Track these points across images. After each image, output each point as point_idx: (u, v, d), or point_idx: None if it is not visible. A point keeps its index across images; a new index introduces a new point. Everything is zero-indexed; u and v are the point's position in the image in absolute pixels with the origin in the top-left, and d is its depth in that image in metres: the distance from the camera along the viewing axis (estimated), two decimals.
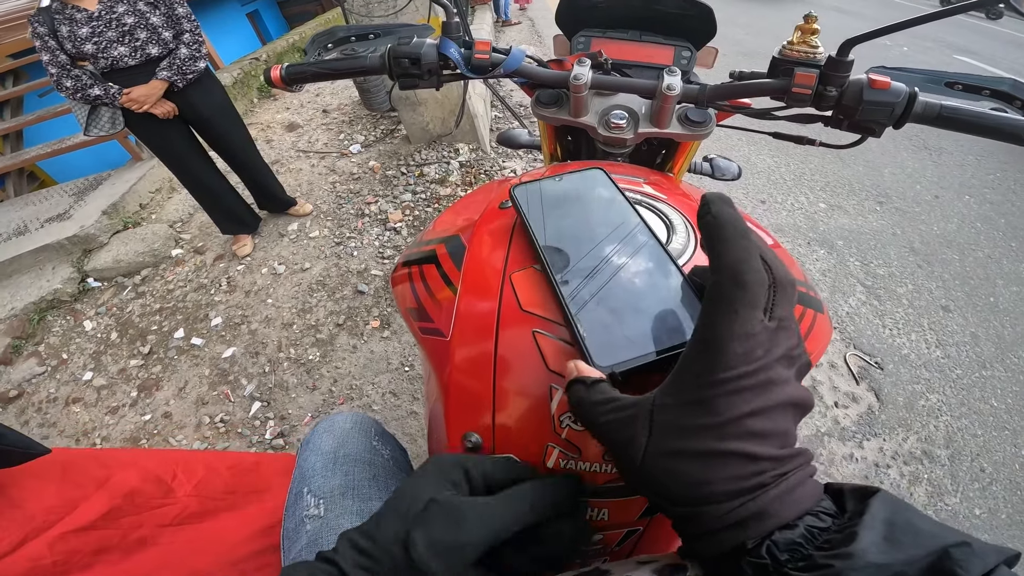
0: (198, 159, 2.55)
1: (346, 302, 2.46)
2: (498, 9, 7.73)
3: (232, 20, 7.15)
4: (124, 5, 2.13)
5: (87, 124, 2.29)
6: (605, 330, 0.38)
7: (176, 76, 2.25)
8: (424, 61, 0.74)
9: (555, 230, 0.44)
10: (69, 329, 2.63)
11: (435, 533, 0.31)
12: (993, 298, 2.45)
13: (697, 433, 0.27)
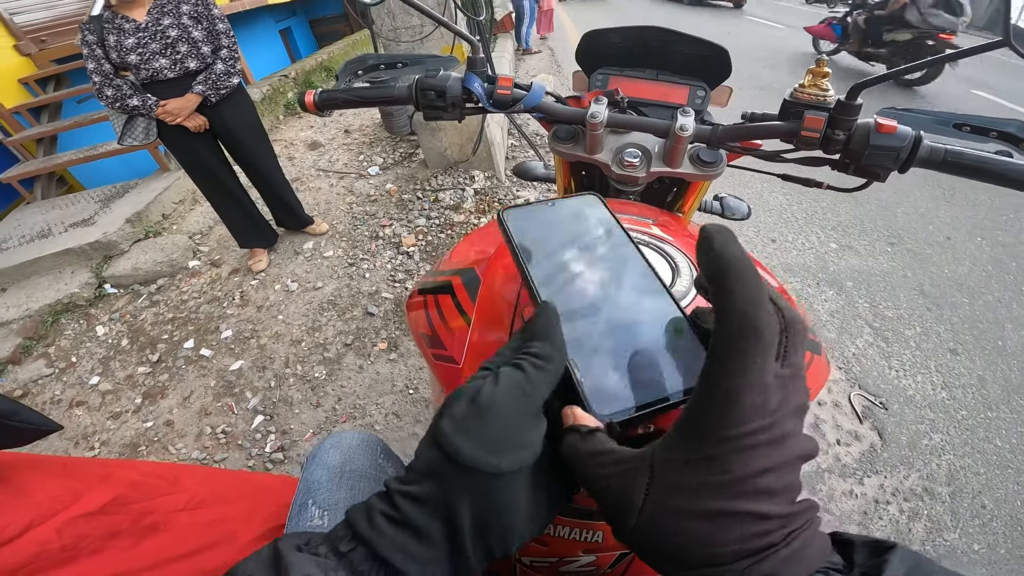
0: (223, 173, 2.62)
1: (355, 323, 2.48)
2: (519, 38, 7.93)
3: (265, 35, 7.35)
4: (170, 18, 2.21)
5: (122, 133, 2.36)
6: (603, 374, 0.35)
7: (210, 91, 2.32)
8: (449, 94, 0.77)
9: (547, 259, 0.41)
10: (81, 333, 2.67)
11: (458, 411, 0.30)
12: (1001, 341, 2.43)
13: (704, 492, 0.25)
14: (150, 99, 2.23)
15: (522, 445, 0.29)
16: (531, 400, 0.30)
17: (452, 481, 0.29)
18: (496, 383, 0.30)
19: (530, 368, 0.31)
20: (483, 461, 0.28)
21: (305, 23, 8.86)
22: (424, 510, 0.28)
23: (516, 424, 0.29)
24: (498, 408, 0.29)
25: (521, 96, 0.78)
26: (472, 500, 0.28)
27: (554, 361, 0.32)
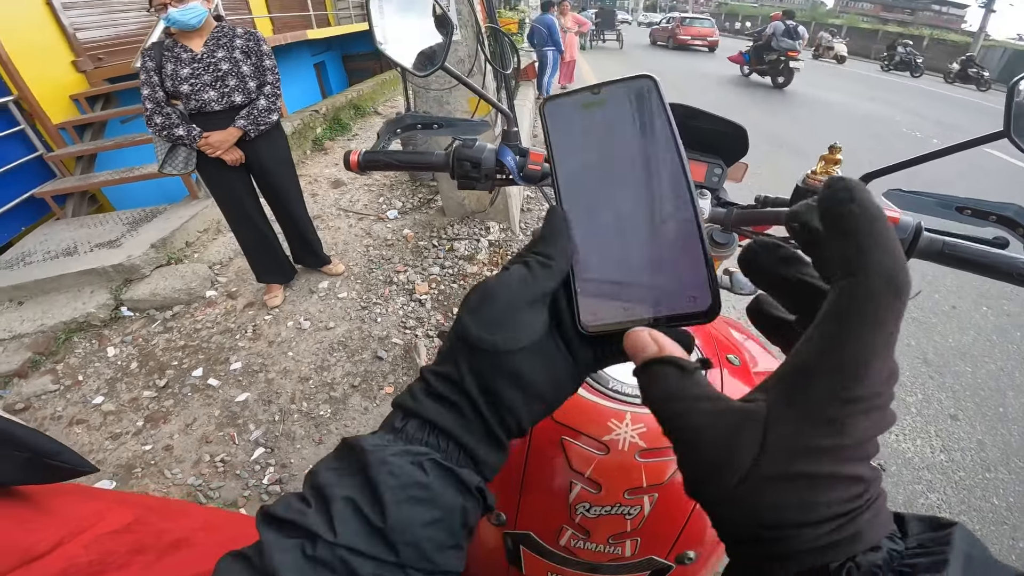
0: (252, 207, 2.71)
1: (364, 365, 2.53)
2: (541, 86, 8.25)
3: (301, 69, 7.62)
4: (223, 51, 2.32)
5: (164, 161, 2.45)
6: (601, 286, 0.35)
7: (251, 126, 2.40)
8: (484, 166, 0.81)
9: (578, 156, 0.37)
10: (91, 352, 2.72)
11: (472, 299, 0.34)
12: (1003, 408, 2.46)
13: (821, 455, 0.23)
14: (195, 130, 2.32)
15: (519, 326, 0.32)
16: (531, 289, 0.33)
17: (462, 358, 0.33)
18: (504, 274, 0.34)
19: (534, 264, 0.34)
20: (484, 338, 0.32)
21: (338, 58, 9.19)
22: (448, 385, 0.33)
23: (515, 307, 0.33)
24: (500, 293, 0.33)
25: (549, 171, 0.84)
26: (478, 374, 0.32)
27: (556, 261, 0.34)
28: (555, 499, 0.70)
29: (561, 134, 0.38)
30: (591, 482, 0.69)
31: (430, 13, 0.76)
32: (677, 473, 0.69)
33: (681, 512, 0.69)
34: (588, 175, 0.37)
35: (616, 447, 0.69)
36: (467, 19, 2.95)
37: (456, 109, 3.25)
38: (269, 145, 2.57)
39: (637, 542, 0.69)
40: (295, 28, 7.05)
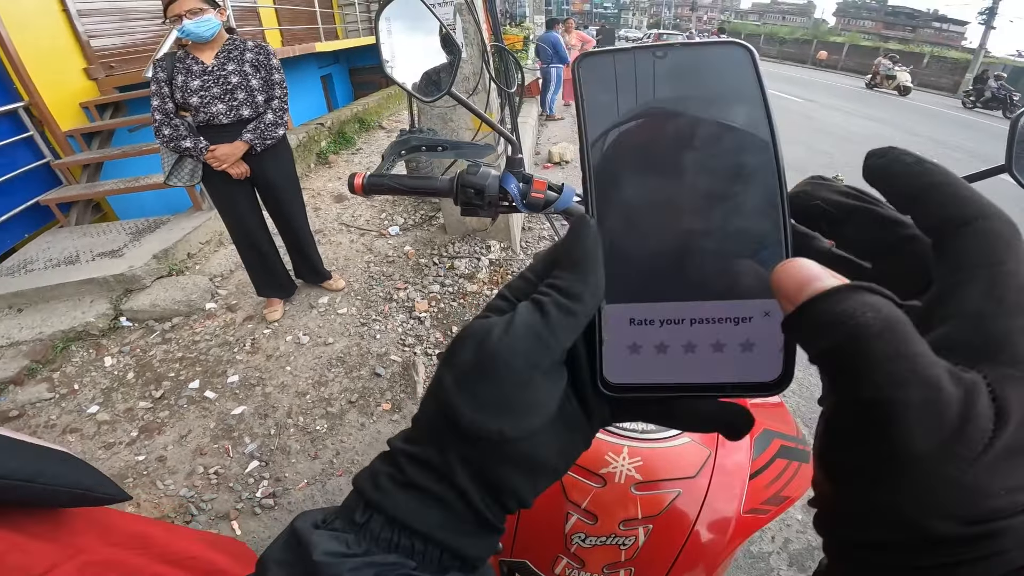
0: (255, 221, 2.71)
1: (362, 382, 2.53)
2: (544, 103, 8.31)
3: (308, 81, 7.68)
4: (234, 64, 2.32)
5: (169, 173, 2.46)
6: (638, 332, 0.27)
7: (257, 140, 2.39)
8: (487, 193, 0.80)
9: (624, 141, 0.27)
10: (89, 362, 2.73)
11: (460, 361, 0.25)
12: None
13: None
14: (202, 142, 2.33)
15: (533, 408, 0.25)
16: (549, 351, 0.25)
17: (451, 445, 0.25)
18: (509, 326, 0.25)
19: (553, 310, 0.25)
20: (484, 427, 0.24)
21: (345, 71, 9.27)
22: (429, 474, 0.25)
23: (527, 381, 0.24)
24: (507, 360, 0.24)
25: (553, 199, 0.81)
26: (474, 465, 0.25)
27: (584, 302, 0.25)
28: (551, 529, 0.72)
29: (601, 107, 0.27)
30: (587, 513, 0.71)
31: (437, 33, 0.76)
32: (673, 505, 0.71)
33: (675, 543, 0.70)
34: (634, 172, 0.27)
35: (613, 479, 0.71)
36: (473, 37, 2.98)
37: (460, 126, 3.28)
38: (275, 160, 2.57)
39: (631, 572, 0.70)
40: (304, 41, 7.15)
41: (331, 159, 5.73)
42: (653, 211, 0.26)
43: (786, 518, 1.91)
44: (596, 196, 0.27)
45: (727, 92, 0.26)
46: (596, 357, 0.27)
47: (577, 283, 0.25)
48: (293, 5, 7.46)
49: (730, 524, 0.74)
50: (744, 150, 0.25)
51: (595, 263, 0.26)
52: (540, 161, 6.21)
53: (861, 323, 0.18)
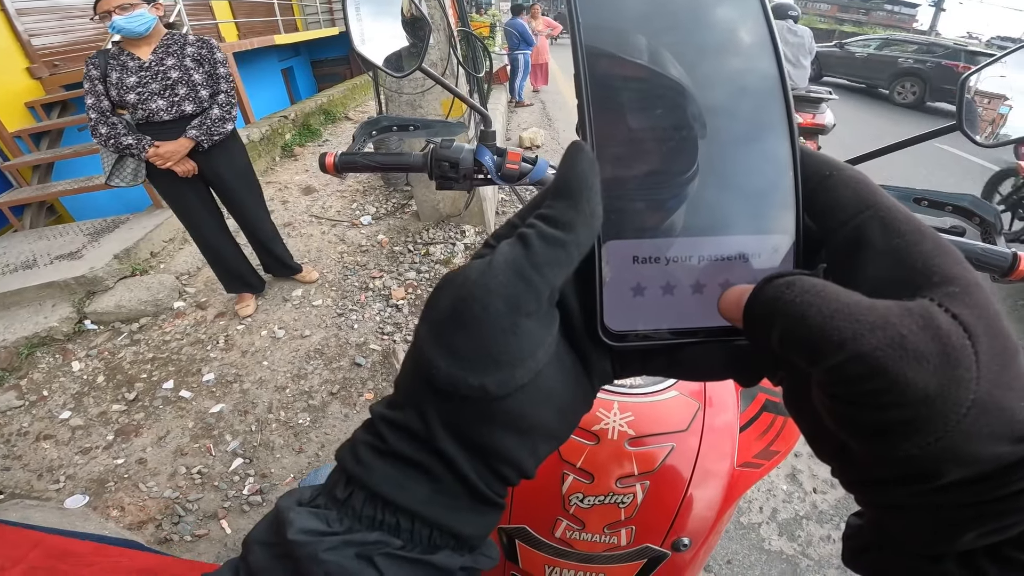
0: (210, 219, 2.61)
1: (342, 372, 2.49)
2: (512, 90, 8.32)
3: (269, 74, 7.51)
4: (173, 59, 2.22)
5: (111, 173, 2.34)
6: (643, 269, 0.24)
7: (203, 136, 2.29)
8: (462, 166, 0.80)
9: (623, 67, 0.25)
10: (56, 367, 2.63)
11: (437, 311, 0.22)
12: None
13: None
14: (144, 139, 2.21)
15: (520, 359, 0.21)
16: (534, 290, 0.21)
17: (431, 407, 0.22)
18: (488, 266, 0.21)
19: (537, 242, 0.21)
20: (464, 383, 0.21)
21: (307, 64, 9.07)
22: (411, 442, 0.23)
23: (511, 327, 0.21)
24: (485, 304, 0.21)
25: (527, 171, 0.81)
26: (458, 428, 0.22)
27: (576, 231, 0.22)
28: (548, 491, 0.71)
29: (599, 22, 0.25)
30: (583, 472, 0.70)
31: (406, 14, 0.76)
32: (668, 460, 0.71)
33: (673, 498, 0.70)
34: (636, 95, 0.24)
35: (606, 436, 0.71)
36: (439, 23, 2.95)
37: (429, 112, 3.24)
38: (225, 156, 2.47)
39: (632, 530, 0.70)
40: (262, 34, 6.94)
41: (297, 151, 5.60)
42: (656, 137, 0.24)
43: (772, 488, 1.96)
44: (593, 119, 0.24)
45: (733, 18, 0.25)
46: (594, 303, 0.24)
47: (567, 210, 0.22)
48: None
49: (725, 477, 0.74)
50: (752, 81, 0.24)
51: (589, 188, 0.22)
52: (512, 147, 6.18)
53: (787, 301, 0.19)
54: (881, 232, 0.20)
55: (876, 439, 0.18)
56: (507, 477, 0.24)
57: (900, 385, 0.17)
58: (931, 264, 0.19)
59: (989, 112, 0.66)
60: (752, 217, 0.24)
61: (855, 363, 0.17)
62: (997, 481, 0.18)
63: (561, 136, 6.60)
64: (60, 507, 1.91)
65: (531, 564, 0.74)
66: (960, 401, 0.17)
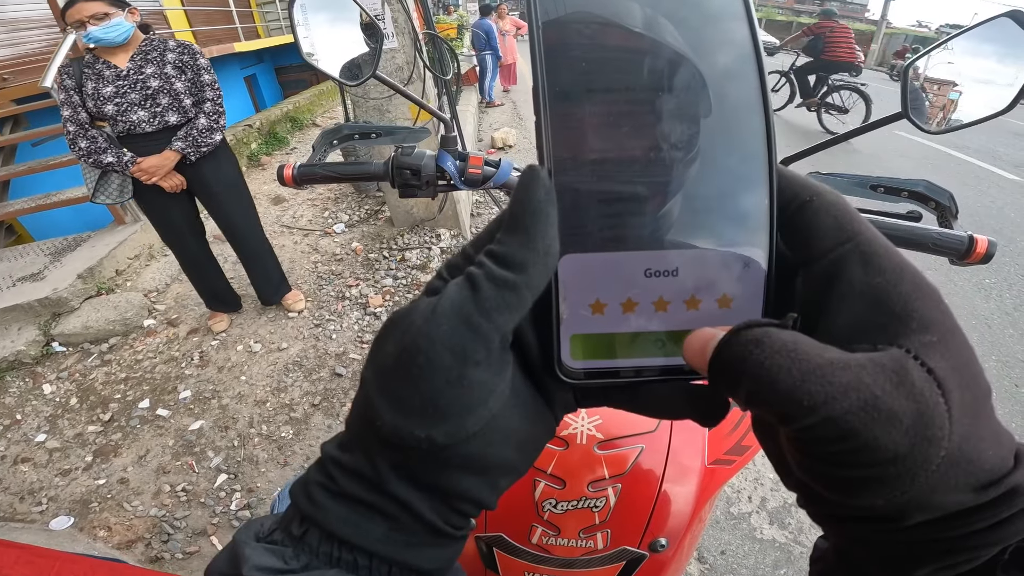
0: (192, 236, 2.53)
1: (323, 383, 2.49)
2: (483, 91, 8.32)
3: (231, 83, 7.28)
4: (153, 66, 2.10)
5: (95, 190, 2.24)
6: (602, 306, 0.23)
7: (190, 148, 2.17)
8: (424, 173, 0.78)
9: (587, 74, 0.22)
10: (27, 391, 2.56)
11: (381, 357, 0.22)
12: None
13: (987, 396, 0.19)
14: (126, 155, 2.10)
15: (469, 408, 0.21)
16: (483, 339, 0.20)
17: (379, 453, 0.22)
18: (433, 312, 0.20)
19: (485, 284, 0.20)
20: (408, 435, 0.20)
21: (271, 71, 8.84)
22: (362, 485, 0.22)
23: (458, 378, 0.20)
24: (430, 355, 0.20)
25: (491, 174, 0.79)
26: (409, 473, 0.22)
27: (528, 271, 0.20)
28: (521, 498, 0.71)
29: (558, 31, 0.22)
30: (554, 478, 0.71)
31: (358, 21, 0.75)
32: (638, 461, 0.71)
33: (646, 500, 0.71)
34: (597, 111, 0.22)
35: (575, 441, 0.72)
36: (403, 26, 2.94)
37: (397, 117, 3.24)
38: (214, 168, 2.34)
39: (608, 534, 0.70)
40: (222, 41, 6.80)
41: (264, 160, 5.52)
42: (622, 163, 0.22)
43: (759, 477, 2.01)
44: (552, 141, 0.22)
45: (709, 24, 0.22)
46: (551, 338, 0.23)
47: (520, 248, 0.20)
48: (205, 6, 7.07)
49: (697, 476, 0.75)
50: (727, 88, 0.22)
51: (544, 222, 0.21)
52: (483, 147, 6.21)
53: (754, 363, 0.18)
54: (861, 268, 0.20)
55: (843, 491, 0.19)
56: (466, 512, 0.23)
57: (871, 447, 0.17)
58: (910, 308, 0.19)
59: (939, 98, 0.66)
60: (721, 250, 0.23)
61: (826, 426, 0.17)
62: (958, 523, 0.19)
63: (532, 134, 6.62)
64: (46, 529, 1.88)
65: (510, 571, 0.75)
66: (931, 459, 0.17)
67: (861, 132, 0.66)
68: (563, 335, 0.23)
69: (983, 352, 2.80)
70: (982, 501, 0.18)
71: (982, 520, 0.18)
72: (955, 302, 3.25)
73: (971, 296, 3.35)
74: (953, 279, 3.46)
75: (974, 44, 0.60)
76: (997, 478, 0.18)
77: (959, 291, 3.39)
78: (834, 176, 0.77)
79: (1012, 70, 0.57)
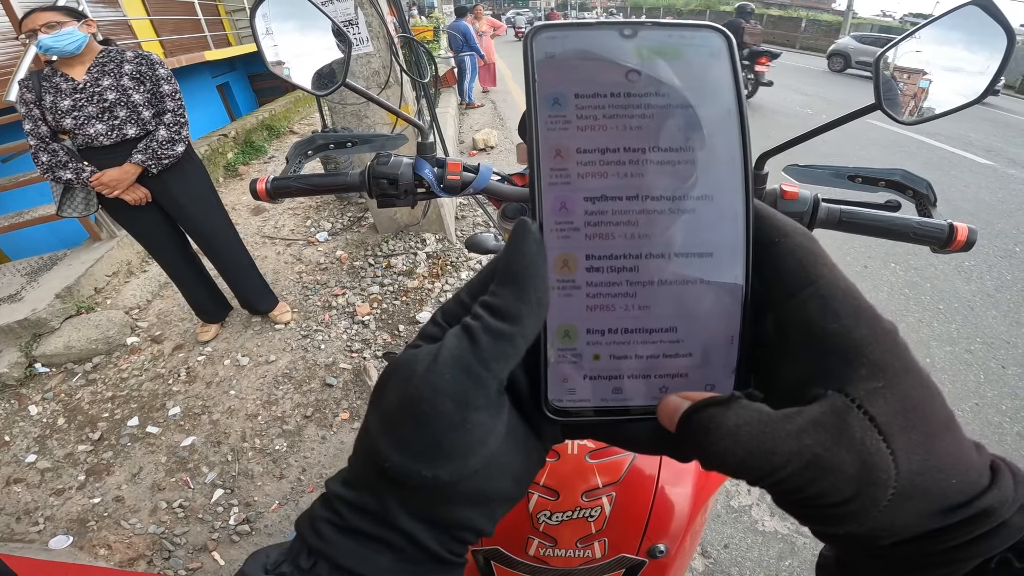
0: (170, 245, 2.50)
1: (314, 395, 2.48)
2: (462, 92, 8.34)
3: (203, 92, 7.20)
4: (110, 79, 2.06)
5: (61, 203, 2.21)
6: (585, 352, 0.25)
7: (150, 161, 2.13)
8: (401, 182, 0.76)
9: (579, 131, 0.24)
10: (13, 413, 2.52)
11: (386, 403, 0.23)
12: (929, 359, 2.64)
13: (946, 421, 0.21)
14: (84, 170, 2.07)
15: (470, 448, 0.22)
16: (482, 387, 0.22)
17: (386, 491, 0.23)
18: (434, 362, 0.22)
19: (483, 336, 0.22)
20: (416, 476, 0.22)
21: (244, 78, 8.74)
22: (369, 519, 0.24)
23: (460, 422, 0.22)
24: (433, 402, 0.22)
25: (470, 180, 0.77)
26: (414, 508, 0.23)
27: (522, 323, 0.23)
28: (516, 511, 0.70)
29: (555, 91, 0.24)
30: (547, 490, 0.70)
31: (327, 29, 0.73)
32: (631, 469, 0.71)
33: (642, 507, 0.71)
34: (590, 170, 0.24)
35: (566, 451, 0.71)
36: (378, 30, 2.91)
37: (376, 122, 3.21)
38: (180, 180, 2.30)
39: (605, 543, 0.70)
40: (191, 50, 6.70)
41: (241, 170, 5.45)
42: (611, 214, 0.24)
43: None
44: (544, 196, 0.24)
45: (698, 84, 0.24)
46: (539, 377, 0.25)
47: (514, 301, 0.22)
48: (171, 15, 6.96)
49: (692, 479, 0.74)
50: (711, 151, 0.24)
51: (535, 275, 0.23)
52: (465, 149, 6.21)
53: (712, 440, 0.21)
54: (820, 314, 0.21)
55: (813, 522, 0.22)
56: (466, 540, 0.25)
57: (821, 495, 0.20)
58: (861, 354, 0.20)
59: (910, 87, 0.65)
60: (697, 301, 0.24)
61: (780, 484, 0.20)
62: (929, 542, 0.21)
63: (513, 135, 6.63)
64: (45, 548, 1.86)
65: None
66: (878, 499, 0.19)
67: (838, 124, 0.65)
68: (550, 376, 0.25)
69: (967, 334, 2.88)
70: (949, 523, 0.20)
71: (954, 539, 0.21)
72: (937, 285, 3.33)
73: (952, 279, 3.43)
74: (933, 263, 3.55)
75: (942, 33, 0.59)
76: (965, 500, 0.20)
77: (940, 275, 3.46)
78: (812, 168, 0.77)
79: (981, 58, 0.56)
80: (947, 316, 3.06)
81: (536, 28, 0.24)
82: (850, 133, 6.69)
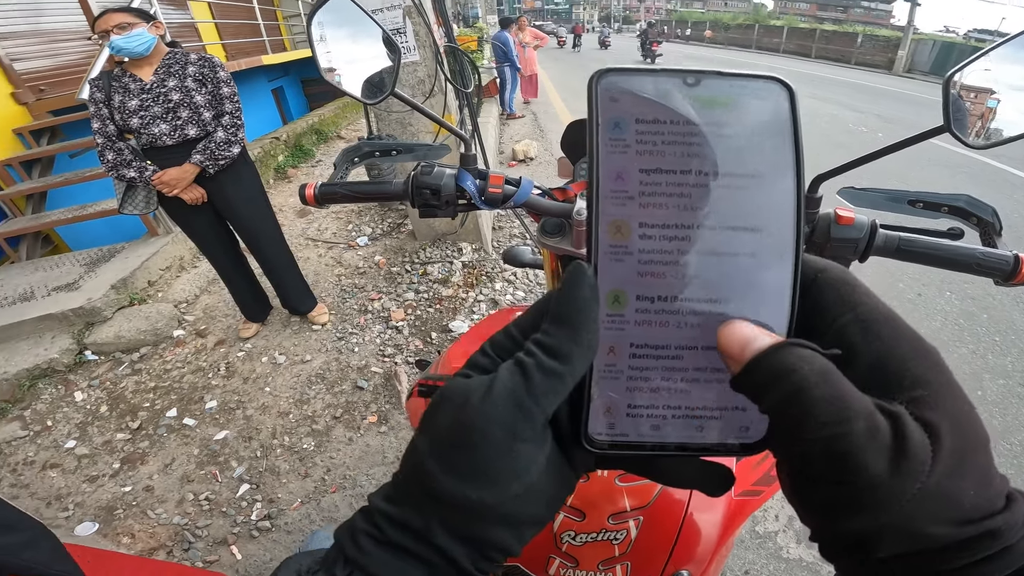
0: (220, 246, 2.60)
1: (344, 396, 2.52)
2: (503, 103, 8.39)
3: (259, 95, 7.42)
4: (175, 80, 2.15)
5: (123, 201, 2.32)
6: (627, 389, 0.26)
7: (208, 161, 2.22)
8: (443, 192, 0.76)
9: (640, 174, 0.25)
10: (59, 398, 2.64)
11: (437, 429, 0.25)
12: (981, 391, 2.48)
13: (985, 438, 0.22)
14: (147, 169, 2.18)
15: (515, 475, 0.24)
16: (531, 420, 0.24)
17: (430, 509, 0.25)
18: (488, 393, 0.24)
19: (536, 374, 0.24)
20: (462, 497, 0.24)
21: (297, 83, 9.00)
22: (409, 535, 0.25)
23: (508, 450, 0.24)
24: (485, 431, 0.23)
25: (511, 193, 0.77)
26: (454, 528, 0.25)
27: (572, 362, 0.24)
28: None
29: (618, 136, 0.25)
30: (574, 510, 0.69)
31: (378, 38, 0.73)
32: (661, 494, 0.68)
33: (669, 533, 0.69)
34: (647, 218, 0.25)
35: (595, 473, 0.69)
36: (424, 39, 2.96)
37: (420, 130, 3.26)
38: (233, 181, 2.40)
39: (627, 566, 0.68)
40: (250, 54, 6.97)
41: (290, 173, 5.63)
42: (663, 264, 0.25)
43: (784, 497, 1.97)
44: (600, 242, 0.25)
45: (759, 134, 0.24)
46: (580, 410, 0.26)
47: (567, 341, 0.24)
48: (234, 19, 7.27)
49: (723, 508, 0.73)
50: (765, 200, 0.24)
51: (589, 319, 0.24)
52: (504, 160, 6.23)
53: (801, 375, 0.21)
54: (861, 336, 0.22)
55: (825, 513, 0.22)
56: (495, 559, 0.26)
57: (859, 469, 0.20)
58: (904, 368, 0.21)
59: (977, 106, 0.63)
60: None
61: (839, 441, 0.20)
62: (937, 559, 0.21)
63: (553, 147, 6.63)
64: (71, 534, 1.92)
65: None
66: (906, 491, 0.20)
67: (901, 147, 0.62)
68: (592, 410, 0.26)
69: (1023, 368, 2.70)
70: (960, 537, 0.20)
71: (960, 559, 0.20)
72: (994, 316, 3.14)
73: (1010, 310, 3.23)
74: (991, 293, 3.35)
75: (1012, 52, 0.57)
76: (978, 517, 0.20)
77: (998, 305, 3.26)
78: (869, 191, 0.74)
79: None
80: (1003, 349, 2.88)
81: (601, 72, 0.25)
82: (908, 151, 6.38)
